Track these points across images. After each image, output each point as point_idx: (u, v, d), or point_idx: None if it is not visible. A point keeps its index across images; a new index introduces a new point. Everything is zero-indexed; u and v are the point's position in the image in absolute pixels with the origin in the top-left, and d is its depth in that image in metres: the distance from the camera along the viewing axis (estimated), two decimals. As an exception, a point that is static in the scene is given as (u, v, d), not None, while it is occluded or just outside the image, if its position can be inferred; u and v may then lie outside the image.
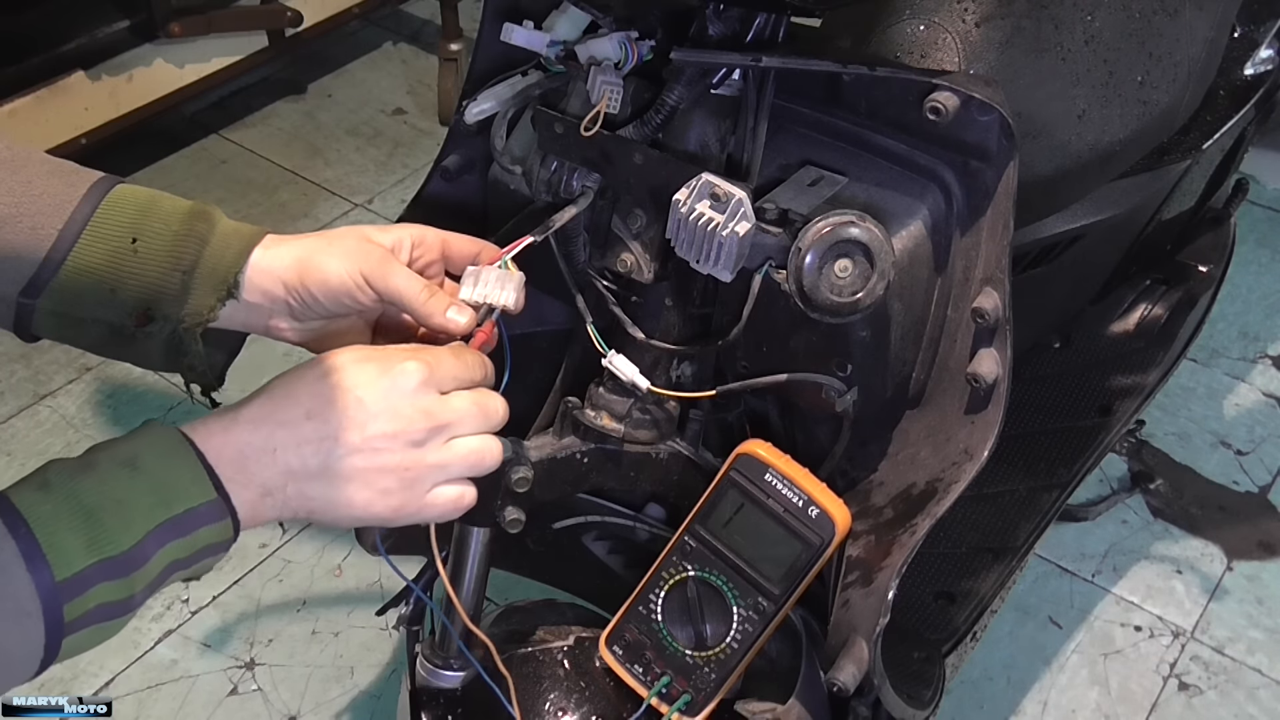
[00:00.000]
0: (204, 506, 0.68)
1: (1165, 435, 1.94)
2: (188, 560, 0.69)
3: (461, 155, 1.06)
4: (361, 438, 0.73)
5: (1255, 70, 1.44)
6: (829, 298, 0.84)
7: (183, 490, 0.67)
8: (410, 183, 2.48)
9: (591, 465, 0.99)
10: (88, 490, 0.65)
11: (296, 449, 0.71)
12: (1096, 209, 1.23)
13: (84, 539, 0.63)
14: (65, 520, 0.63)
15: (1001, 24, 1.00)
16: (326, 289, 0.80)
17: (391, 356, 0.75)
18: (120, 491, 0.65)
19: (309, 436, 0.71)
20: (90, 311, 0.78)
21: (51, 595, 0.62)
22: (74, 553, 0.63)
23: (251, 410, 0.72)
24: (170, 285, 0.79)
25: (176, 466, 0.68)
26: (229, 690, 1.61)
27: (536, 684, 0.99)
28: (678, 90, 0.87)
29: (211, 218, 0.81)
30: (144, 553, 0.65)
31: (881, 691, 0.89)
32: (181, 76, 2.36)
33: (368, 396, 0.73)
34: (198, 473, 0.68)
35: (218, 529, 0.69)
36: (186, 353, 0.80)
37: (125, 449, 0.67)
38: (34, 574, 0.61)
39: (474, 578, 0.96)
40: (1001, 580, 1.25)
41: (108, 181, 0.80)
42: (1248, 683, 1.63)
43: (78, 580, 0.63)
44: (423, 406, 0.74)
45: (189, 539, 0.68)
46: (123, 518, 0.65)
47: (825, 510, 0.89)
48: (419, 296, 0.81)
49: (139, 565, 0.65)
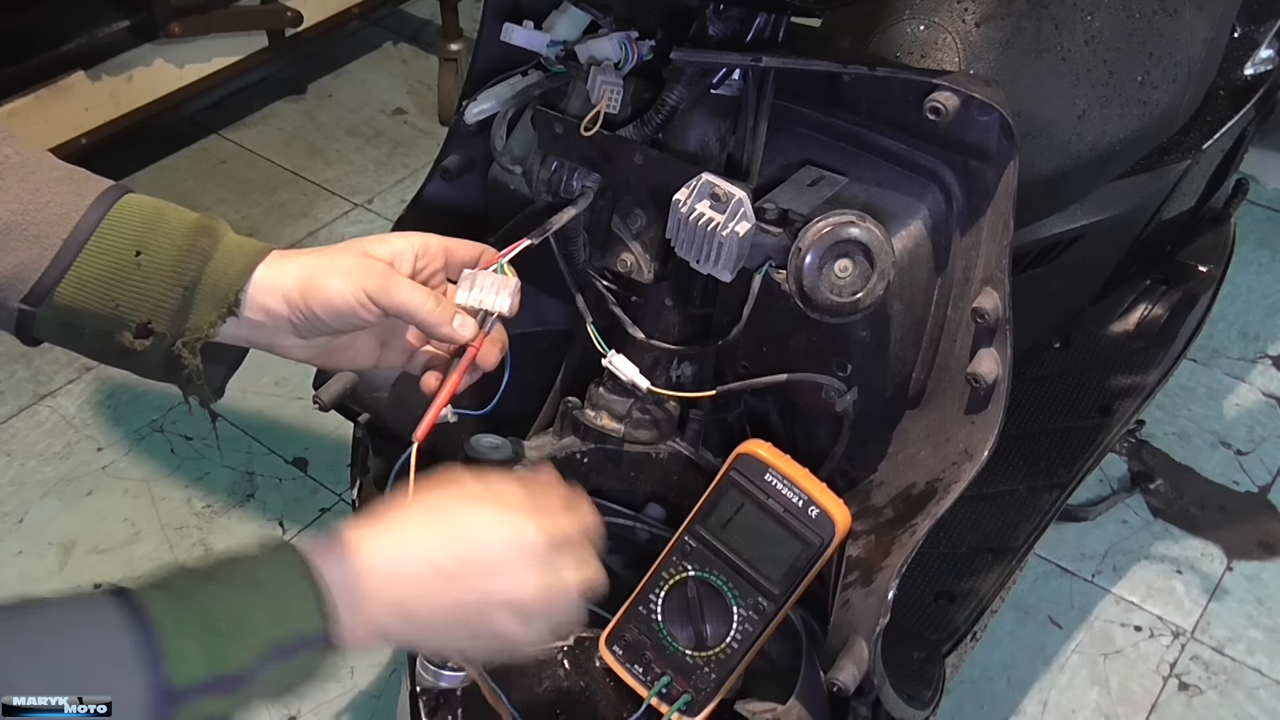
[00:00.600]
0: (311, 634, 0.68)
1: (1165, 435, 1.94)
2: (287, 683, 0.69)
3: (461, 155, 1.06)
4: (478, 598, 0.74)
5: (1255, 70, 1.44)
6: (829, 298, 0.84)
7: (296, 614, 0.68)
8: (410, 183, 2.48)
9: (591, 465, 0.99)
10: (214, 602, 0.66)
11: (418, 597, 0.73)
12: (1096, 209, 1.23)
13: (203, 649, 0.64)
14: (189, 629, 0.64)
15: (1001, 24, 1.00)
16: (330, 309, 0.80)
17: (520, 522, 0.75)
18: (243, 610, 0.66)
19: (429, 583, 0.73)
20: (91, 322, 0.78)
21: (165, 698, 0.62)
22: (194, 662, 0.63)
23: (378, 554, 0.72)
24: (171, 300, 0.79)
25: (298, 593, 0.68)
26: (229, 690, 1.60)
27: (536, 684, 0.99)
28: (678, 90, 0.87)
29: (216, 233, 0.81)
30: (254, 672, 0.66)
31: (881, 691, 0.89)
32: (181, 76, 2.36)
33: (493, 561, 0.74)
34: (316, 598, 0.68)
35: (316, 654, 0.69)
36: (185, 367, 0.80)
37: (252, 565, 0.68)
38: (151, 676, 0.62)
39: (474, 578, 0.96)
40: (1001, 580, 1.25)
41: (115, 191, 0.80)
42: (1248, 683, 1.63)
43: (193, 690, 0.63)
44: (543, 581, 0.75)
45: (292, 661, 0.68)
46: (242, 635, 0.66)
47: (825, 510, 0.89)
48: (424, 307, 0.81)
49: (247, 683, 0.66)
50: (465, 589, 0.73)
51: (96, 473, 1.88)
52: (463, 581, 0.73)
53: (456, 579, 0.73)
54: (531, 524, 0.75)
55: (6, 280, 0.76)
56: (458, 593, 0.73)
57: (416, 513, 0.75)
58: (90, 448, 1.92)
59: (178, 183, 2.46)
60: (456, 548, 0.73)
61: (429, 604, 0.73)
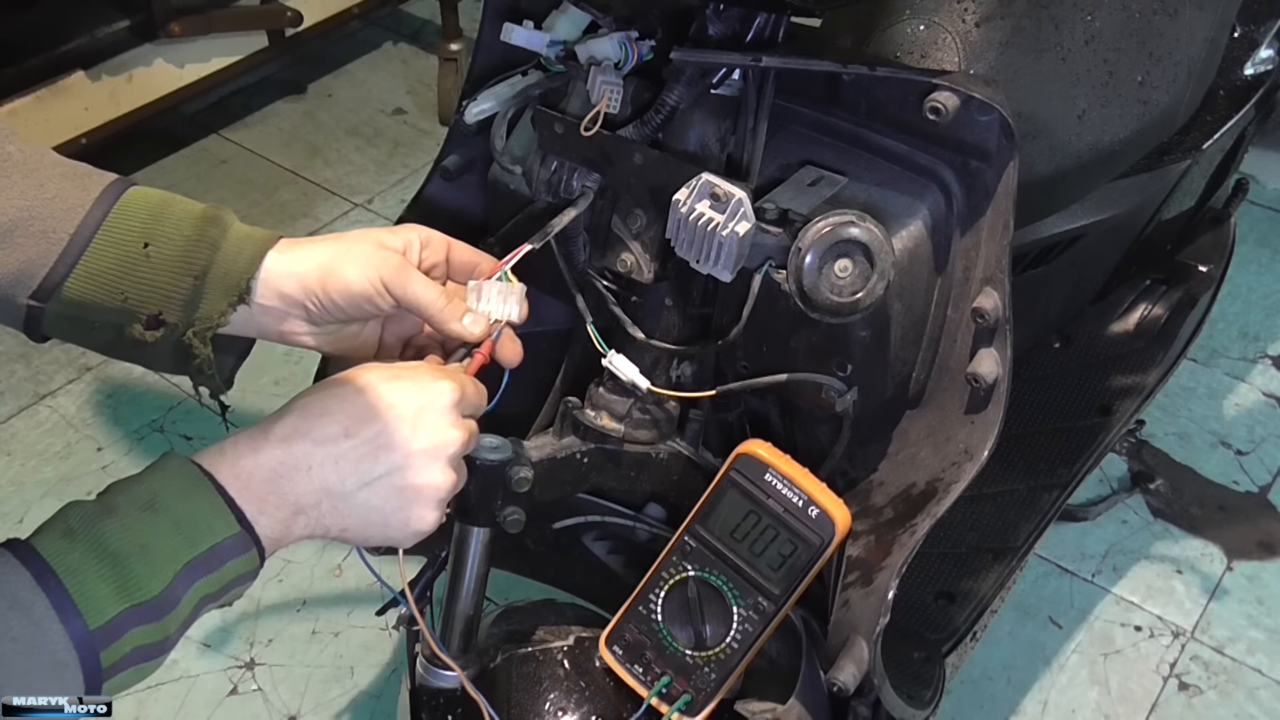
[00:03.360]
0: (229, 540, 0.68)
1: (1165, 435, 1.94)
2: (218, 593, 0.69)
3: (461, 155, 1.06)
4: (404, 455, 0.73)
5: (1255, 70, 1.45)
6: (829, 298, 0.84)
7: (206, 527, 0.68)
8: (410, 183, 2.48)
9: (591, 465, 0.99)
10: (111, 536, 0.65)
11: (335, 466, 0.72)
12: (1096, 209, 1.23)
13: (113, 586, 0.64)
14: (93, 569, 0.64)
15: (1001, 24, 1.00)
16: (348, 295, 0.81)
17: (422, 375, 0.76)
18: (144, 535, 0.66)
19: (347, 454, 0.72)
20: (100, 316, 0.78)
21: (87, 644, 0.62)
22: (105, 600, 0.63)
23: (283, 428, 0.72)
24: (181, 290, 0.79)
25: (197, 503, 0.68)
26: (229, 690, 1.61)
27: (536, 684, 0.99)
28: (678, 90, 0.87)
29: (224, 222, 0.81)
30: (174, 594, 0.66)
31: (881, 691, 0.89)
32: (181, 76, 2.36)
33: (408, 415, 0.73)
34: (219, 507, 0.68)
35: (244, 560, 0.69)
36: (196, 357, 0.80)
37: (144, 490, 0.68)
38: (67, 625, 0.62)
39: (474, 578, 0.96)
40: (1001, 580, 1.25)
41: (120, 184, 0.80)
42: (1248, 683, 1.63)
43: (111, 628, 0.63)
44: (461, 426, 0.76)
45: (217, 574, 0.68)
46: (149, 562, 0.65)
47: (825, 510, 0.89)
48: (436, 304, 0.82)
49: (171, 607, 0.66)
50: (388, 454, 0.73)
51: (96, 473, 1.88)
52: (384, 447, 0.73)
53: (376, 443, 0.73)
54: (434, 373, 0.76)
55: (14, 277, 0.76)
56: (382, 458, 0.73)
57: (319, 390, 0.74)
58: (90, 448, 1.92)
59: (178, 183, 2.46)
60: (365, 410, 0.73)
61: (350, 476, 0.72)
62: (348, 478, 0.72)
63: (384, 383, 0.74)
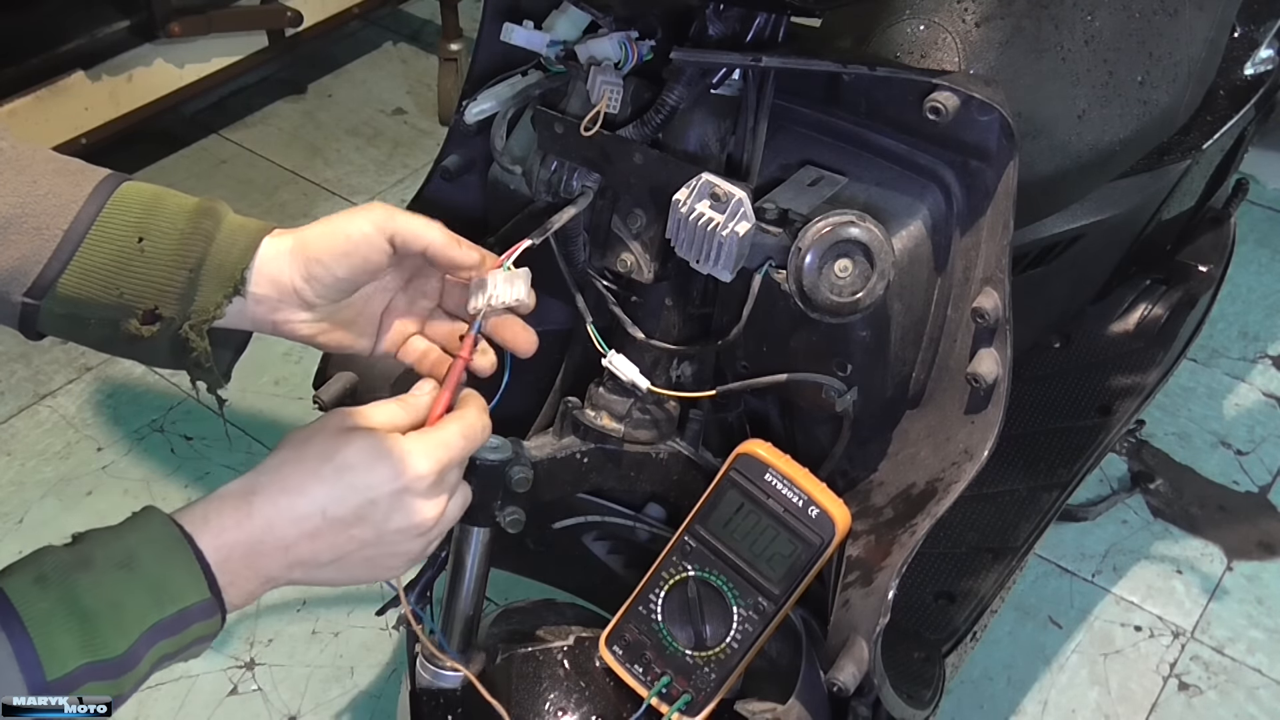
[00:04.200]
0: (197, 606, 0.69)
1: (1165, 435, 1.94)
2: (176, 653, 0.70)
3: (461, 155, 1.06)
4: (376, 535, 0.75)
5: (1255, 70, 1.45)
6: (829, 298, 0.84)
7: (178, 591, 0.68)
8: (410, 183, 2.48)
9: (591, 465, 0.99)
10: (84, 590, 0.65)
11: (310, 543, 0.73)
12: (1096, 209, 1.23)
13: (78, 640, 0.64)
14: (60, 620, 0.64)
15: (1001, 24, 1.00)
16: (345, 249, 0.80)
17: (406, 453, 0.75)
18: (116, 593, 0.66)
19: (323, 533, 0.73)
20: (96, 312, 0.78)
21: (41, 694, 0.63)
22: (67, 653, 0.63)
23: (265, 505, 0.72)
24: (177, 284, 0.78)
25: (173, 567, 0.68)
26: (229, 690, 1.61)
27: (536, 684, 0.99)
28: (678, 90, 0.87)
29: (217, 214, 0.81)
30: (136, 654, 0.66)
31: (881, 691, 0.89)
32: (181, 76, 2.36)
33: (381, 498, 0.74)
34: (194, 574, 0.69)
35: (208, 624, 0.70)
36: (193, 350, 0.80)
37: (122, 546, 0.68)
38: (25, 673, 0.62)
39: (474, 578, 0.96)
40: (1001, 580, 1.25)
41: (113, 180, 0.79)
42: (1248, 683, 1.63)
43: (68, 680, 0.63)
44: (435, 505, 0.77)
45: (180, 636, 0.69)
46: (117, 621, 0.66)
47: (825, 510, 0.89)
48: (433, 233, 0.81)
49: (131, 666, 0.66)
50: (362, 532, 0.74)
51: (96, 473, 1.88)
52: (358, 526, 0.74)
53: (350, 524, 0.74)
54: (415, 450, 0.76)
55: (8, 274, 0.76)
56: (355, 535, 0.74)
57: (295, 463, 0.74)
58: (90, 448, 1.92)
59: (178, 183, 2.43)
60: (344, 494, 0.73)
61: (325, 551, 0.74)
62: (321, 553, 0.74)
63: (365, 462, 0.74)
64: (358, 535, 0.74)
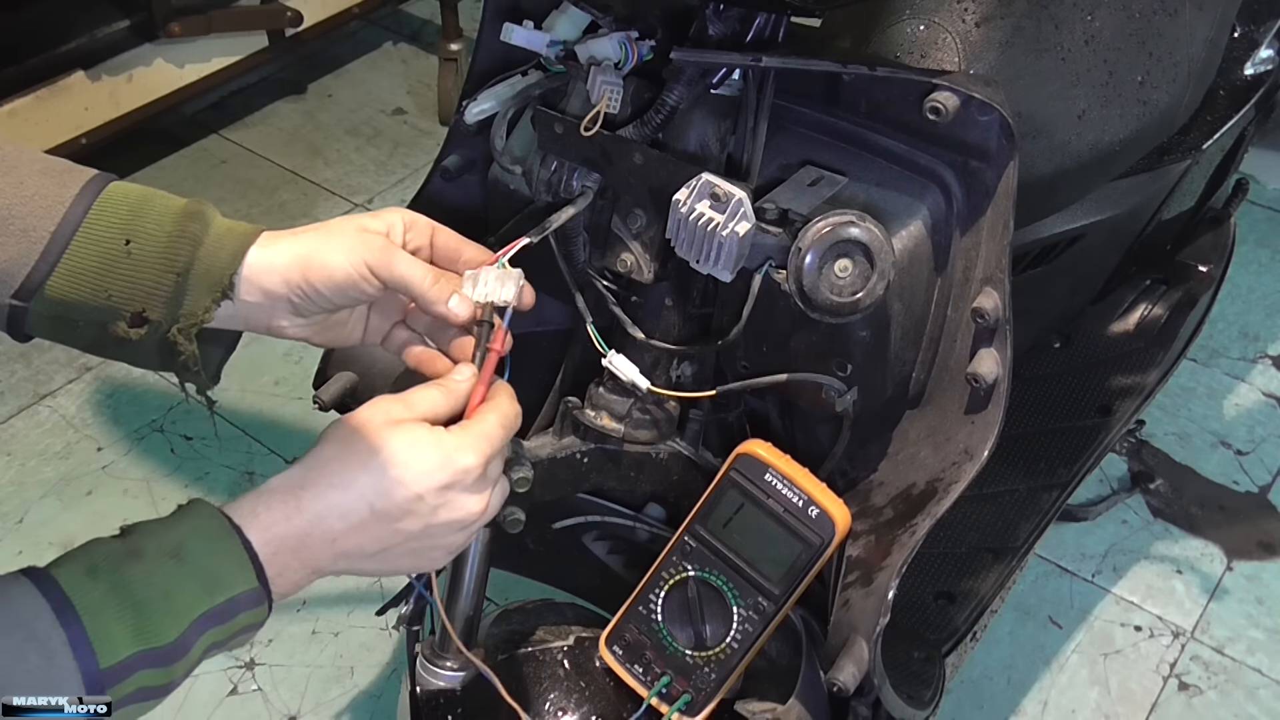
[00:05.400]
0: (245, 595, 0.69)
1: (1165, 435, 1.94)
2: (224, 641, 0.71)
3: (461, 155, 1.06)
4: (422, 528, 0.76)
5: (1255, 70, 1.45)
6: (829, 298, 0.84)
7: (226, 580, 0.69)
8: (410, 183, 2.48)
9: (591, 465, 0.99)
10: (135, 580, 0.66)
11: (357, 537, 0.74)
12: (1096, 209, 1.23)
13: (130, 629, 0.65)
14: (113, 610, 0.65)
15: (1001, 24, 1.00)
16: (332, 284, 0.80)
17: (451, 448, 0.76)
18: (167, 583, 0.67)
19: (370, 526, 0.74)
20: (84, 314, 0.78)
21: (95, 682, 0.63)
22: (120, 642, 0.64)
23: (314, 501, 0.73)
24: (164, 287, 0.78)
25: (222, 557, 0.69)
26: (229, 690, 1.61)
27: (536, 684, 0.99)
28: (678, 90, 0.87)
29: (205, 217, 0.80)
30: (187, 642, 0.67)
31: (881, 691, 0.89)
32: (181, 76, 2.36)
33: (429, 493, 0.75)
34: (243, 563, 0.69)
35: (256, 612, 0.71)
36: (181, 354, 0.80)
37: (172, 536, 0.69)
38: (80, 661, 0.63)
39: (474, 578, 0.96)
40: (1001, 580, 1.25)
41: (100, 180, 0.79)
42: (1248, 683, 1.63)
43: (121, 668, 0.64)
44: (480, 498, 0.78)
45: (229, 624, 0.70)
46: (169, 610, 0.67)
47: (825, 510, 0.89)
48: (424, 283, 0.81)
49: (182, 654, 0.67)
50: (409, 525, 0.75)
51: (96, 473, 1.88)
52: (405, 520, 0.75)
53: (397, 518, 0.74)
54: (461, 445, 0.76)
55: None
56: (402, 528, 0.75)
57: (343, 458, 0.75)
58: (90, 448, 1.93)
59: (178, 183, 2.46)
60: (392, 489, 0.74)
61: (371, 543, 0.74)
62: (368, 546, 0.75)
63: (413, 457, 0.75)
64: (404, 529, 0.75)
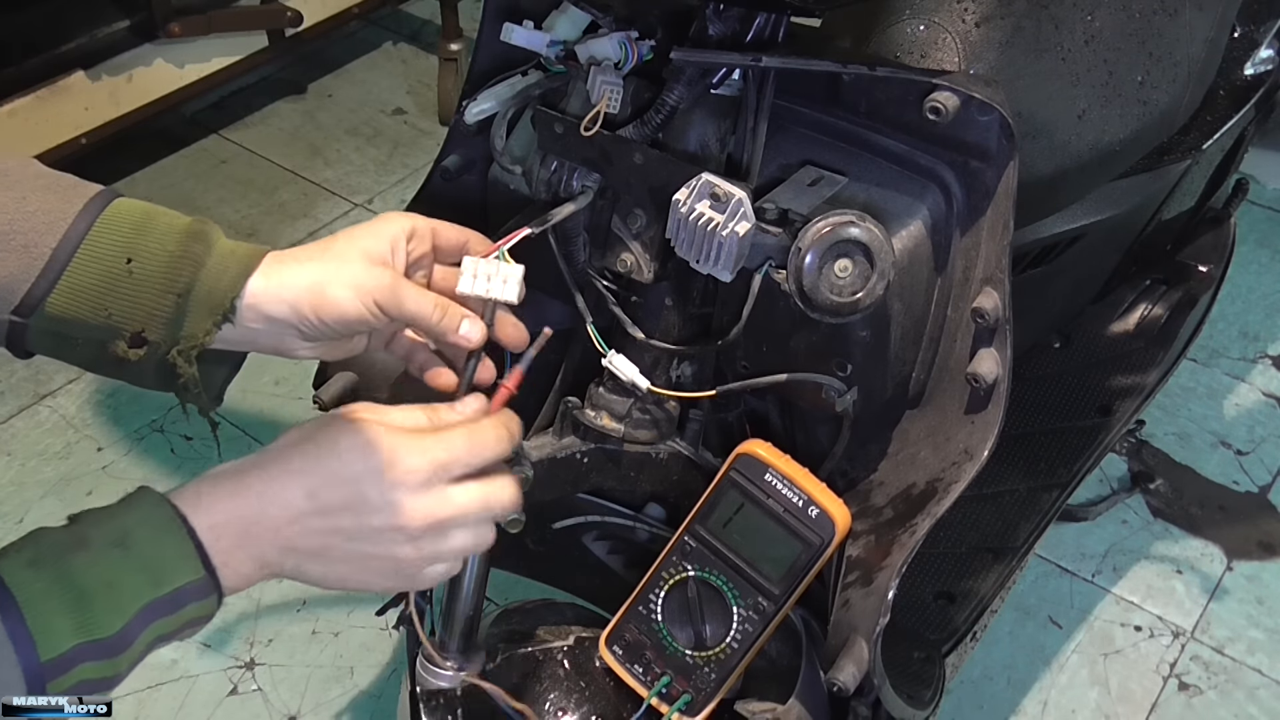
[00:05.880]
0: (191, 585, 0.68)
1: (1165, 435, 1.94)
2: (171, 634, 0.69)
3: (461, 155, 1.06)
4: (360, 528, 0.73)
5: (1255, 70, 1.45)
6: (829, 298, 0.84)
7: (172, 569, 0.67)
8: (410, 183, 2.48)
9: (591, 465, 0.99)
10: (79, 570, 0.65)
11: (298, 529, 0.72)
12: (1096, 209, 1.23)
13: (72, 621, 0.63)
14: (55, 601, 0.63)
15: (1001, 24, 1.00)
16: (342, 320, 0.80)
17: (401, 446, 0.74)
18: (111, 573, 0.65)
19: (310, 519, 0.72)
20: (83, 332, 0.77)
21: (36, 675, 0.62)
22: (61, 634, 0.63)
23: (257, 483, 0.71)
24: (164, 308, 0.77)
25: (167, 546, 0.67)
26: (229, 690, 1.61)
27: (536, 684, 0.99)
28: (678, 90, 0.87)
29: (208, 238, 0.79)
30: (131, 633, 0.66)
31: (881, 691, 0.89)
32: (181, 76, 2.36)
33: (369, 490, 0.72)
34: (188, 552, 0.68)
35: (204, 604, 0.69)
36: (180, 376, 0.79)
37: (116, 525, 0.67)
38: (20, 654, 0.62)
39: (474, 578, 0.96)
40: (1001, 580, 1.25)
41: (104, 197, 0.78)
42: (1248, 683, 1.63)
43: (63, 660, 0.63)
44: (425, 507, 0.74)
45: (175, 616, 0.68)
46: (112, 600, 0.65)
47: (825, 510, 0.89)
48: (432, 317, 0.81)
49: (126, 646, 0.66)
50: (347, 522, 0.72)
51: (96, 473, 1.88)
52: (342, 514, 0.72)
53: (335, 512, 0.72)
54: (411, 445, 0.74)
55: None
56: (339, 525, 0.72)
57: (294, 446, 0.73)
58: (90, 448, 1.92)
59: (178, 183, 2.46)
60: (331, 479, 0.72)
61: (310, 538, 0.72)
62: (309, 541, 0.72)
63: (359, 453, 0.73)
64: (344, 526, 0.72)
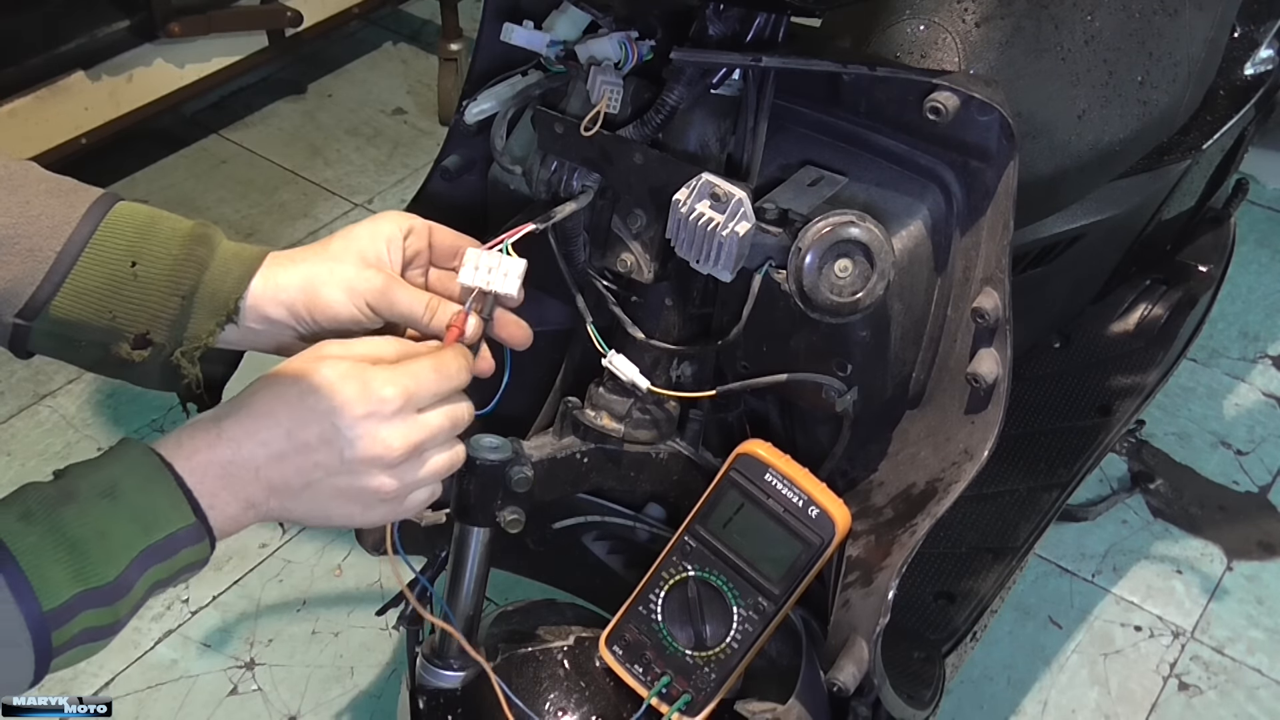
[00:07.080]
0: (183, 530, 0.68)
1: (1165, 435, 1.94)
2: (168, 580, 0.70)
3: (461, 155, 1.06)
4: (339, 461, 0.73)
5: (1255, 70, 1.45)
6: (829, 298, 0.84)
7: (163, 517, 0.68)
8: (410, 183, 2.48)
9: (591, 465, 0.99)
10: (70, 521, 0.65)
11: (279, 468, 0.72)
12: (1096, 209, 1.23)
13: (69, 570, 0.64)
14: (50, 552, 0.64)
15: (1001, 24, 1.00)
16: (335, 321, 0.81)
17: (371, 378, 0.74)
18: (102, 522, 0.66)
19: (289, 456, 0.72)
20: (87, 334, 0.78)
21: (40, 625, 0.63)
22: (60, 584, 0.64)
23: (233, 427, 0.71)
24: (169, 310, 0.79)
25: (155, 493, 0.68)
26: (229, 690, 1.61)
27: (536, 684, 0.99)
28: (678, 90, 0.87)
29: (211, 241, 0.81)
30: (128, 580, 0.67)
31: (881, 691, 0.89)
32: (181, 76, 2.36)
33: (344, 423, 0.73)
34: (176, 498, 0.68)
35: (197, 549, 0.70)
36: (184, 377, 0.81)
37: (104, 476, 0.68)
38: (22, 606, 0.62)
39: (474, 578, 0.96)
40: (1001, 580, 1.25)
41: (107, 201, 0.79)
42: (1248, 683, 1.63)
43: (64, 609, 0.64)
44: (400, 433, 0.75)
45: (169, 561, 0.69)
46: (106, 549, 0.66)
47: (825, 510, 0.89)
48: (424, 318, 0.83)
49: (124, 592, 0.67)
50: (326, 457, 0.73)
51: (96, 473, 1.88)
52: (320, 449, 0.73)
53: (315, 448, 0.72)
54: (381, 377, 0.74)
55: (0, 295, 0.76)
56: (318, 461, 0.73)
57: (268, 388, 0.74)
58: (90, 448, 1.92)
59: (178, 183, 2.46)
60: (306, 416, 0.72)
61: (294, 476, 0.73)
62: (292, 480, 0.73)
63: (331, 386, 0.73)
64: (323, 461, 0.73)
